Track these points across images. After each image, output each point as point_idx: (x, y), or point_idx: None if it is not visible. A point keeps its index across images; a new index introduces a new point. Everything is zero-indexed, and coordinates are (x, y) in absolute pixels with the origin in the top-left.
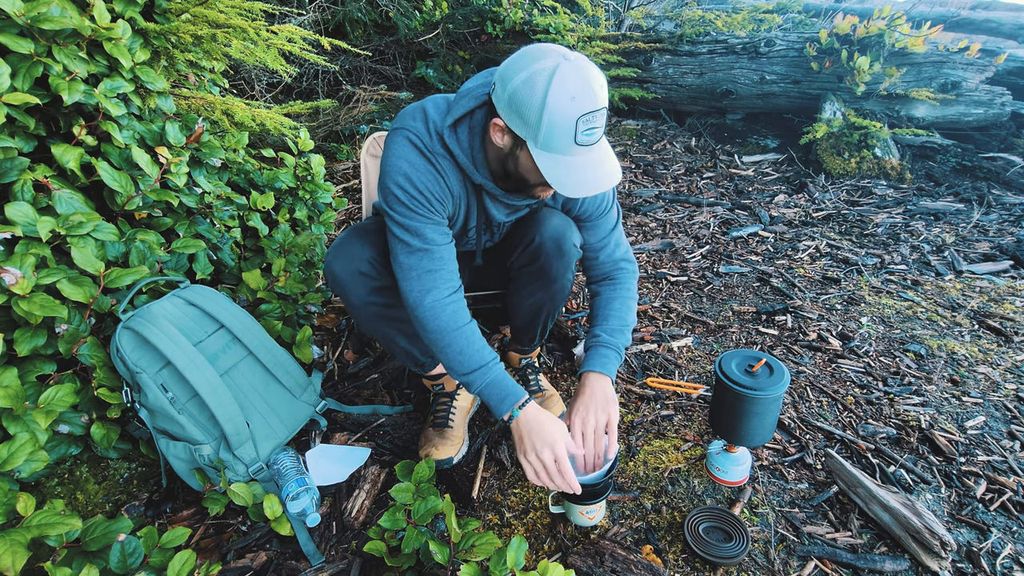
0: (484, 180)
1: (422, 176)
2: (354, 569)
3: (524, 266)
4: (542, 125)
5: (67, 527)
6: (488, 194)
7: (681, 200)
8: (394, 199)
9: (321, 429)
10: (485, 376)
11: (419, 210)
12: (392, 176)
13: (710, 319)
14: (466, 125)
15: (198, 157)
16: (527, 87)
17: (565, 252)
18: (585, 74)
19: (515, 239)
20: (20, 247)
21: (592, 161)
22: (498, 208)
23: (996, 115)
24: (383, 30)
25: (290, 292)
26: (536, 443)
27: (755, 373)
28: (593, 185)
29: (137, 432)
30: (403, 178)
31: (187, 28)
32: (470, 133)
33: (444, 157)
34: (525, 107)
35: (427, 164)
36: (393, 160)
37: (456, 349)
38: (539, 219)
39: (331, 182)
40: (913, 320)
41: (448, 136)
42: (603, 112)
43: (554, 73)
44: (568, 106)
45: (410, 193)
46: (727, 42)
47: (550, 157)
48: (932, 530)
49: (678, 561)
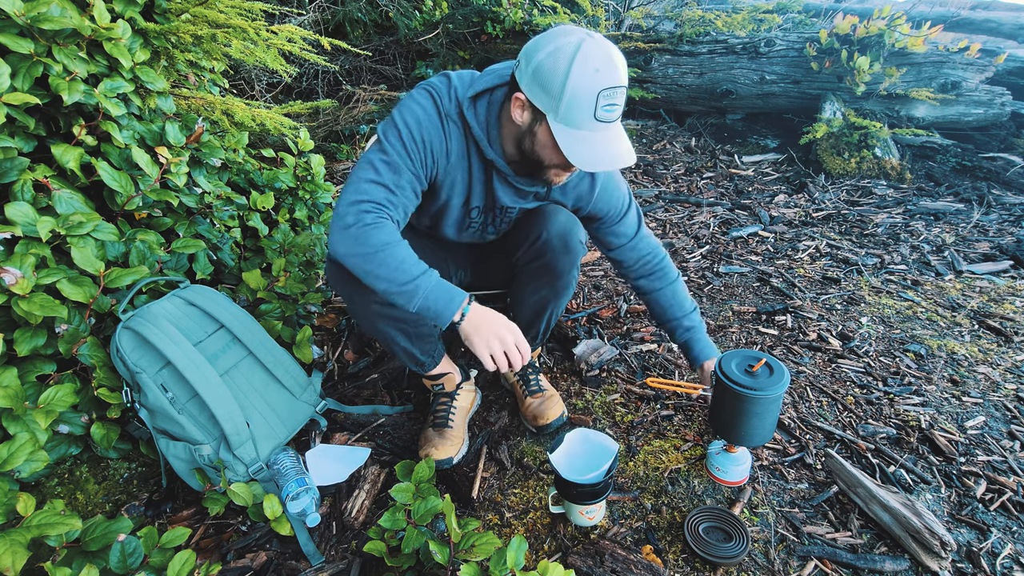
0: (496, 156)
1: (429, 128)
2: (354, 569)
3: (529, 262)
4: (564, 95)
5: (67, 527)
6: (498, 172)
7: (681, 200)
8: (394, 132)
9: (321, 429)
10: (429, 280)
11: (411, 154)
12: (403, 114)
13: (710, 319)
14: (486, 100)
15: (198, 157)
16: (552, 59)
17: (571, 249)
18: (609, 51)
19: (520, 235)
20: (20, 247)
21: (608, 139)
22: (505, 190)
23: (996, 115)
24: (383, 30)
25: (290, 292)
26: (493, 328)
27: (755, 373)
28: (607, 161)
29: (137, 432)
30: (413, 119)
31: (187, 28)
32: (488, 108)
33: (456, 124)
34: (549, 78)
35: (438, 121)
36: (409, 103)
37: (397, 260)
38: (545, 215)
39: (331, 182)
40: (913, 320)
41: (467, 108)
42: (623, 91)
43: (579, 47)
44: (592, 78)
45: (411, 134)
46: (727, 42)
47: (568, 131)
48: (932, 530)
49: (678, 561)
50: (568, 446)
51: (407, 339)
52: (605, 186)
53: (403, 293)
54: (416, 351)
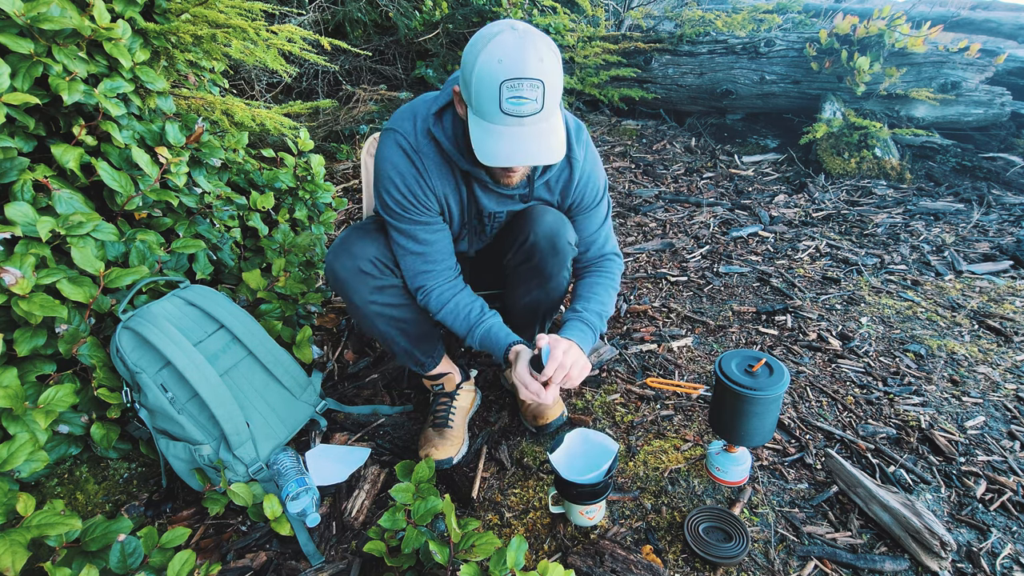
0: (471, 167)
1: (406, 180)
2: (354, 569)
3: (519, 264)
4: (472, 85)
5: (67, 527)
6: (477, 182)
7: (681, 200)
8: (384, 205)
9: (321, 429)
10: (479, 329)
11: (409, 213)
12: (382, 182)
13: (710, 319)
14: (450, 112)
15: (198, 157)
16: (470, 48)
17: (560, 250)
18: (525, 43)
19: (509, 238)
20: (20, 247)
21: (521, 135)
22: (488, 197)
23: (996, 115)
24: (383, 30)
25: (290, 292)
26: None
27: (755, 373)
28: (509, 157)
29: (137, 432)
30: (390, 184)
31: (187, 28)
32: (454, 120)
33: (428, 155)
34: (466, 68)
35: (411, 167)
36: (381, 165)
37: (453, 316)
38: (533, 217)
39: (331, 182)
40: (913, 320)
41: (434, 126)
42: (534, 84)
43: (494, 37)
44: (494, 68)
45: (396, 199)
46: (727, 42)
47: (481, 124)
48: (932, 530)
49: (678, 561)
50: (568, 446)
51: (407, 339)
52: (585, 170)
53: (468, 343)
54: (416, 351)
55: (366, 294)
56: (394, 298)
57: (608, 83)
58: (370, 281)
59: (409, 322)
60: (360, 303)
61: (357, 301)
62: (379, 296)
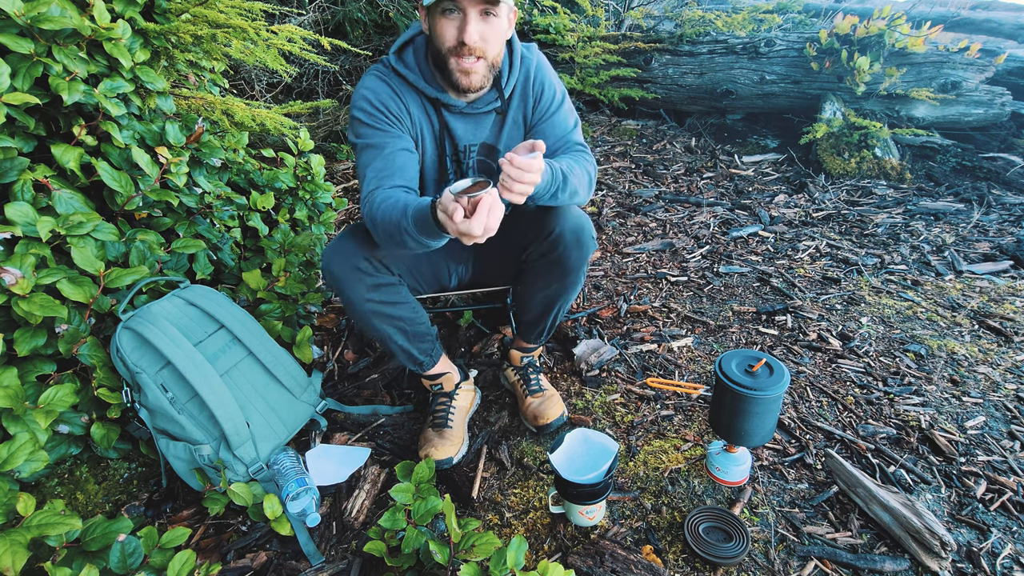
0: (438, 93)
1: (380, 95)
2: (354, 569)
3: (541, 256)
4: None
5: (67, 527)
6: (446, 107)
7: (681, 200)
8: (357, 123)
9: (321, 429)
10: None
11: (379, 124)
12: (354, 104)
13: (710, 319)
14: (410, 48)
15: (198, 157)
16: None
17: (583, 243)
18: None
19: (532, 230)
20: (20, 247)
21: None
22: (460, 121)
23: (996, 115)
24: (383, 30)
25: (290, 292)
26: None
27: (755, 373)
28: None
29: (137, 432)
30: (363, 100)
31: (187, 28)
32: (415, 53)
33: (399, 81)
34: None
35: (385, 86)
36: (355, 93)
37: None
38: (558, 211)
39: (331, 182)
40: (913, 320)
41: (396, 62)
42: None
43: None
44: None
45: (368, 111)
46: (727, 42)
47: (435, 15)
48: (932, 530)
49: (678, 561)
50: (568, 446)
51: (405, 338)
52: (540, 67)
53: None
54: (414, 350)
55: (362, 291)
56: (390, 296)
57: (608, 83)
58: (366, 279)
59: (406, 320)
60: (356, 300)
61: (353, 299)
62: (375, 294)
